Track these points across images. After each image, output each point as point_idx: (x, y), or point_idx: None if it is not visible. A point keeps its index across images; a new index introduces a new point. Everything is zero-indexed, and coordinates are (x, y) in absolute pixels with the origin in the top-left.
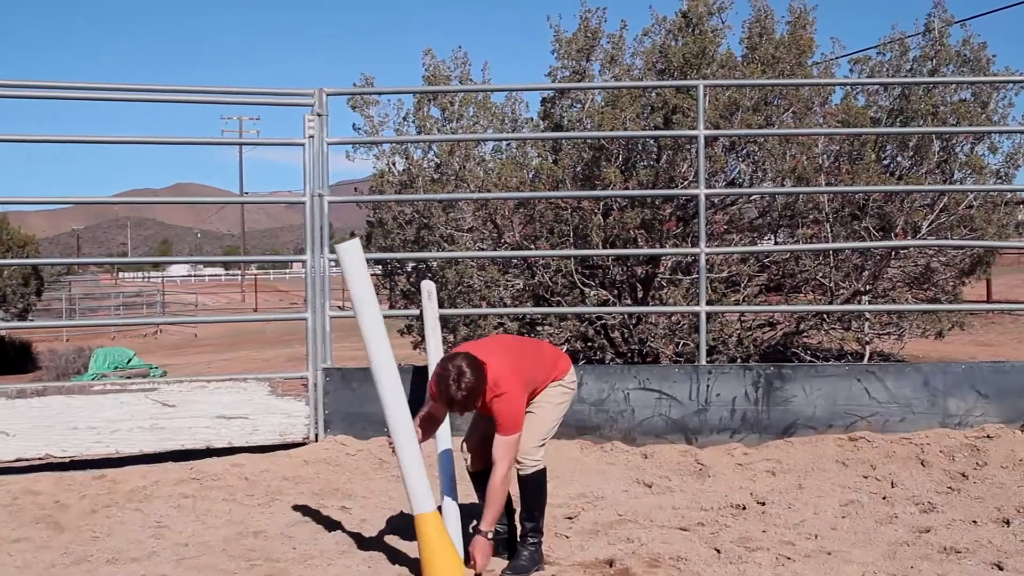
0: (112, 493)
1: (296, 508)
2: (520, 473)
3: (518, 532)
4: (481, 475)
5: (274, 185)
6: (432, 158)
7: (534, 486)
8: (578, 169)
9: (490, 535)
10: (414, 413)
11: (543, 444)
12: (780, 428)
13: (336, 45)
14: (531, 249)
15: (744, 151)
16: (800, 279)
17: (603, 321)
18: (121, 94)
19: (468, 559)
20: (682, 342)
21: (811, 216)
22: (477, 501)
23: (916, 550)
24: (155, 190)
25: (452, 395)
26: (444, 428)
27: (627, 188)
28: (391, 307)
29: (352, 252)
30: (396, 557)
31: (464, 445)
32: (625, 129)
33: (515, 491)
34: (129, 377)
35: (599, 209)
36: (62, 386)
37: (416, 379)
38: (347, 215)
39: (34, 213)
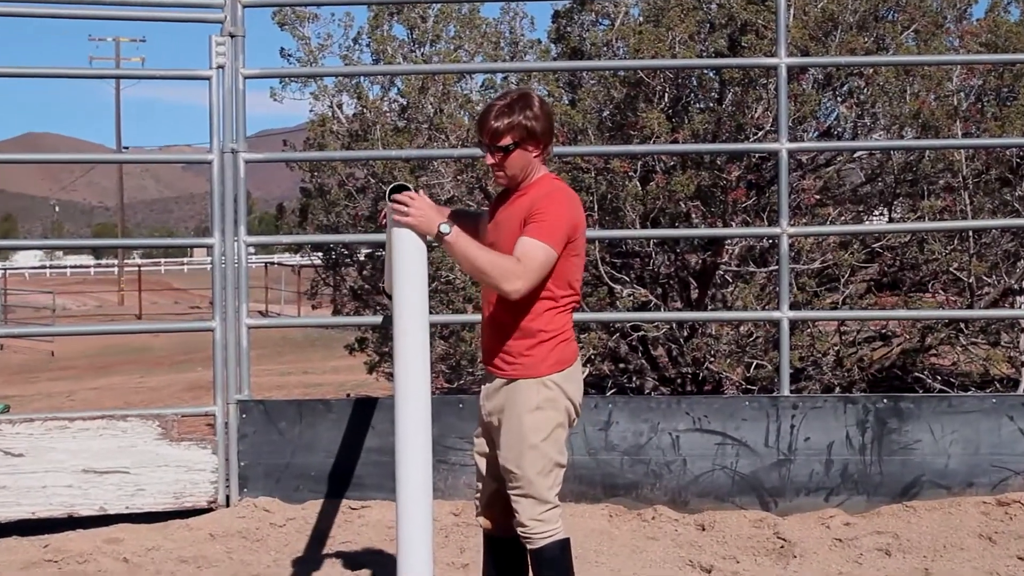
0: None
1: None
2: (529, 548)
3: None
4: (496, 542)
5: (167, 138)
6: (396, 97)
7: (549, 565)
8: (605, 114)
9: (446, 230)
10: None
11: (553, 504)
12: (898, 488)
13: None
14: None
15: (844, 88)
16: (926, 272)
17: (641, 332)
18: None
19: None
20: (755, 363)
21: (941, 181)
22: None
23: None
24: None
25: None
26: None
27: (676, 141)
28: (336, 312)
29: (408, 239)
30: None
31: (476, 505)
32: (673, 56)
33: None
34: None
35: (636, 171)
36: None
37: (376, 414)
38: (274, 179)
39: None
